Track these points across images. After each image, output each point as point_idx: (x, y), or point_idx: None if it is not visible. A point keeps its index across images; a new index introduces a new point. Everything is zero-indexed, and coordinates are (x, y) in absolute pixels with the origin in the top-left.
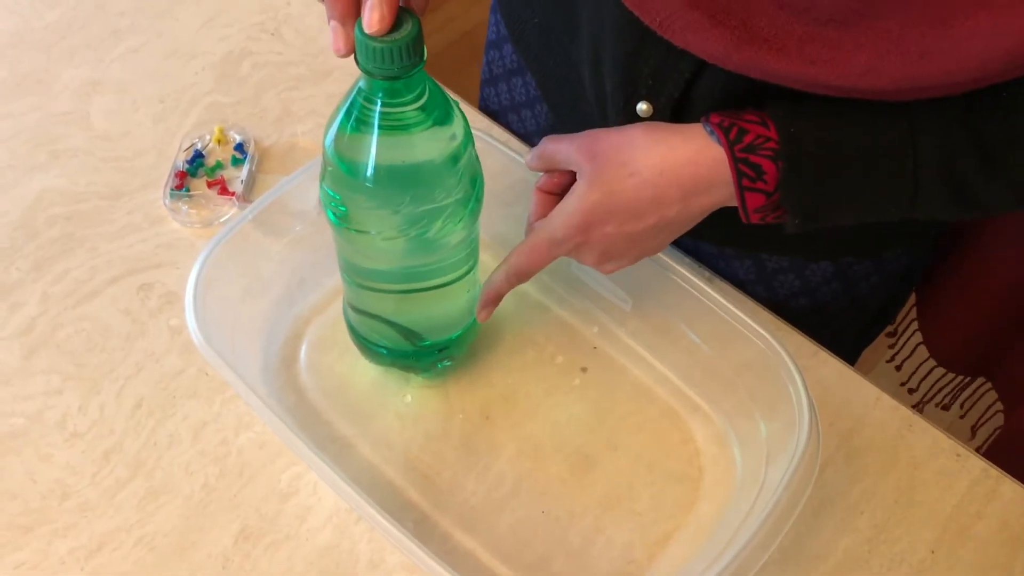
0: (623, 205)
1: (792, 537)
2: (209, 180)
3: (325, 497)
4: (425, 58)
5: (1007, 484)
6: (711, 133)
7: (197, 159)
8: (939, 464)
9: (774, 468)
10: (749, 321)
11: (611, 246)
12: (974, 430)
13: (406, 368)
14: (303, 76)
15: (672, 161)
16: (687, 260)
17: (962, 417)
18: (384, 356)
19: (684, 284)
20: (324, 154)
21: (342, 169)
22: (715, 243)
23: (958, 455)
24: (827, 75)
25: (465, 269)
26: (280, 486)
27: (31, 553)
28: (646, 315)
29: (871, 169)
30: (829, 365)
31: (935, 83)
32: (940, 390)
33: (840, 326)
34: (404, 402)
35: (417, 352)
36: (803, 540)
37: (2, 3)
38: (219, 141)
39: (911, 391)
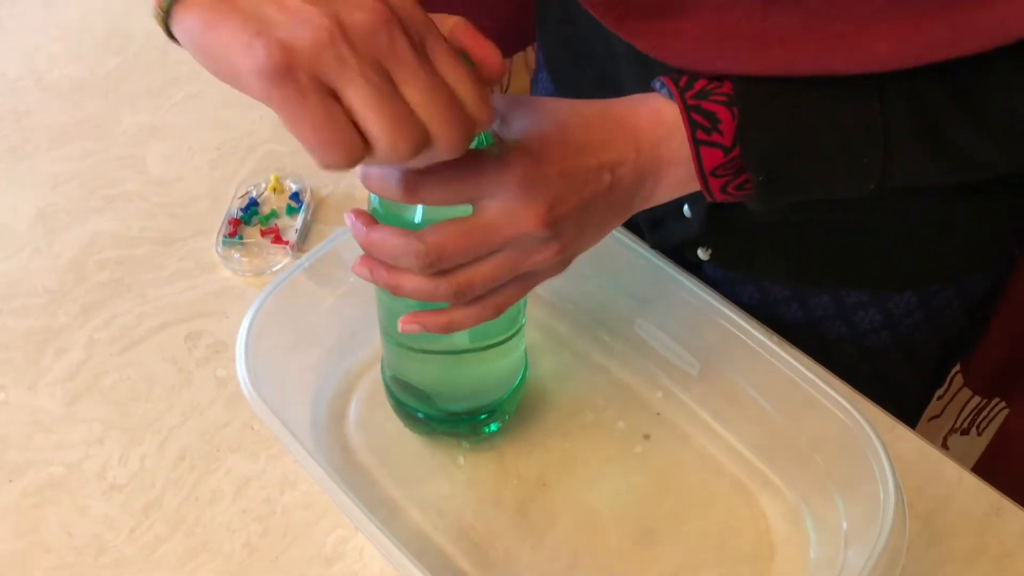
0: (569, 141)
1: None
2: (263, 228)
3: (371, 563)
4: None
5: None
6: (661, 87)
7: (251, 207)
8: None
9: (854, 552)
10: (827, 388)
11: (559, 198)
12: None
13: (450, 435)
14: None
15: (616, 108)
16: (756, 322)
17: (979, 434)
18: (422, 424)
19: (755, 346)
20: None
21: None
22: (789, 282)
23: None
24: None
25: (512, 331)
26: (325, 550)
27: None
28: (714, 380)
29: (836, 118)
30: (907, 440)
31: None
32: (959, 413)
33: (922, 358)
34: (456, 464)
35: (454, 420)
36: None
37: (68, 49)
38: (275, 190)
39: (932, 418)
